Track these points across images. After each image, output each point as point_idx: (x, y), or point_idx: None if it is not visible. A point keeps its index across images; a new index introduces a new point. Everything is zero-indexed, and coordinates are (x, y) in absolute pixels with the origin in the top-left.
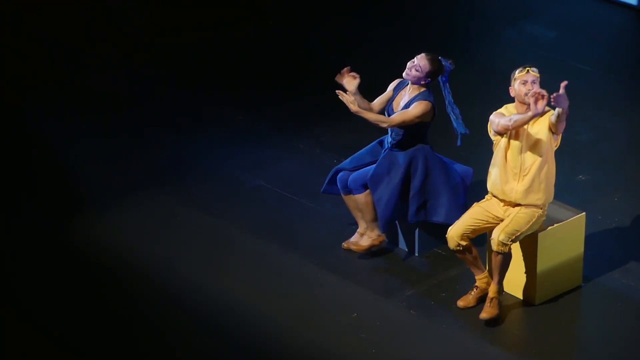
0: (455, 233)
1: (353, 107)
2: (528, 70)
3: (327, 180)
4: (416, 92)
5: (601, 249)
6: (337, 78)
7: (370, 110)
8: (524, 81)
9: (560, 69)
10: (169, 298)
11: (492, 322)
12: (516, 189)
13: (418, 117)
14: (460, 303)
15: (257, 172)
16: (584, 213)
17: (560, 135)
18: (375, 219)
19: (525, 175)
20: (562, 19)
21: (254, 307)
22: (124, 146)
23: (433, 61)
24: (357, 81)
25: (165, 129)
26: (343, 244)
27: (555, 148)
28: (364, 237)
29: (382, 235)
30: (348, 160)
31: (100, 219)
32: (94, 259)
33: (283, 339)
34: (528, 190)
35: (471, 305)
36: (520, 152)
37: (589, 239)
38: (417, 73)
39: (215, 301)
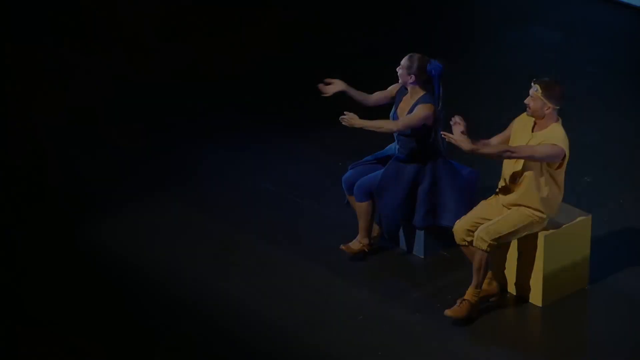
0: (460, 227)
1: (358, 123)
2: (532, 84)
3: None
4: (417, 97)
5: (607, 251)
6: (322, 90)
7: (367, 99)
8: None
9: (566, 70)
10: (175, 300)
11: (460, 322)
12: (507, 197)
13: (423, 119)
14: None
15: (263, 176)
16: (590, 215)
17: (559, 161)
18: (369, 227)
19: (518, 186)
20: (567, 20)
21: (260, 310)
22: (129, 150)
23: (410, 57)
24: (339, 83)
25: (171, 133)
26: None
27: (557, 169)
28: (355, 242)
29: (370, 245)
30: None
31: (106, 223)
32: (100, 263)
33: (288, 342)
34: (518, 199)
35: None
36: (512, 163)
37: (595, 241)
38: (403, 71)
39: (221, 304)
